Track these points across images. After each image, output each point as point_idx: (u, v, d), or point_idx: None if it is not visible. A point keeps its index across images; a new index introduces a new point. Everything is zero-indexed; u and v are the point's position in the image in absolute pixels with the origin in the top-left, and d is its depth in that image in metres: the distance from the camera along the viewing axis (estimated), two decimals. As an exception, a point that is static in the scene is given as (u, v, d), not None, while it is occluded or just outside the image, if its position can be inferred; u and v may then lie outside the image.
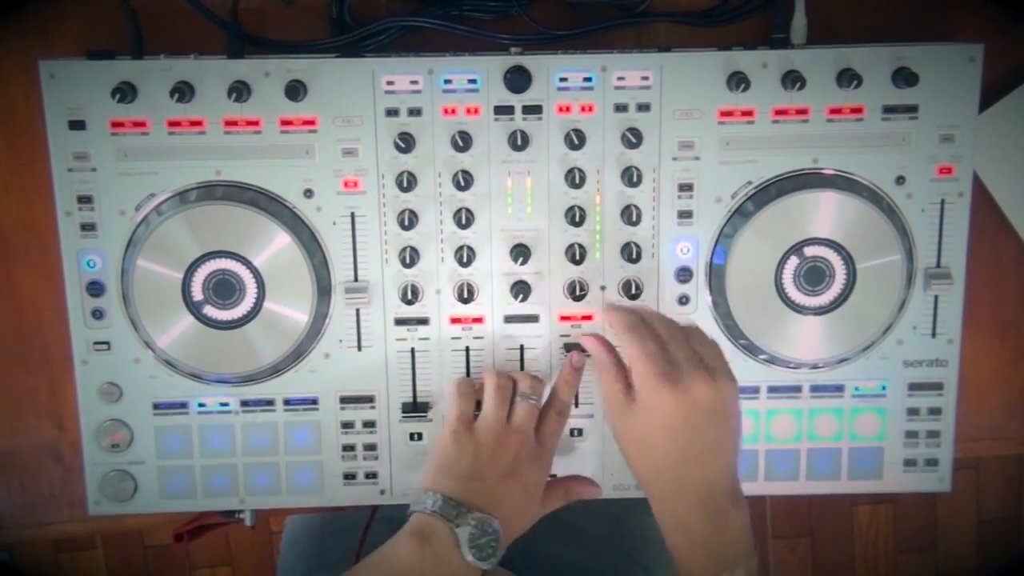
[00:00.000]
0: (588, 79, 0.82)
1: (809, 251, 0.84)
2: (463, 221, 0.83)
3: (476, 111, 0.82)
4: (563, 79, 0.82)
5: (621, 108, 0.82)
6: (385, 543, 0.76)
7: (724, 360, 0.79)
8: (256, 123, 0.81)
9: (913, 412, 0.89)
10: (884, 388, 0.88)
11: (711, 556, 0.75)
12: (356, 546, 0.94)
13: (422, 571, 0.74)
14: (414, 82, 0.81)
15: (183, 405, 0.86)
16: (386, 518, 0.92)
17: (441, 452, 0.80)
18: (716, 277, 0.85)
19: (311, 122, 0.82)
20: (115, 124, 0.81)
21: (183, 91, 0.79)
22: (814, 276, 0.84)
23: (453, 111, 0.82)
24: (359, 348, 0.86)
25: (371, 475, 0.88)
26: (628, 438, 0.78)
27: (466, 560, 0.74)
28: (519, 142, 0.82)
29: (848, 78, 0.81)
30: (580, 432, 0.88)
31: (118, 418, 0.86)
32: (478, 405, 0.83)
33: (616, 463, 0.87)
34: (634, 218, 0.84)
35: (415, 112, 0.82)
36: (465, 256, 0.84)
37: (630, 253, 0.84)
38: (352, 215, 0.83)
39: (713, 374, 0.76)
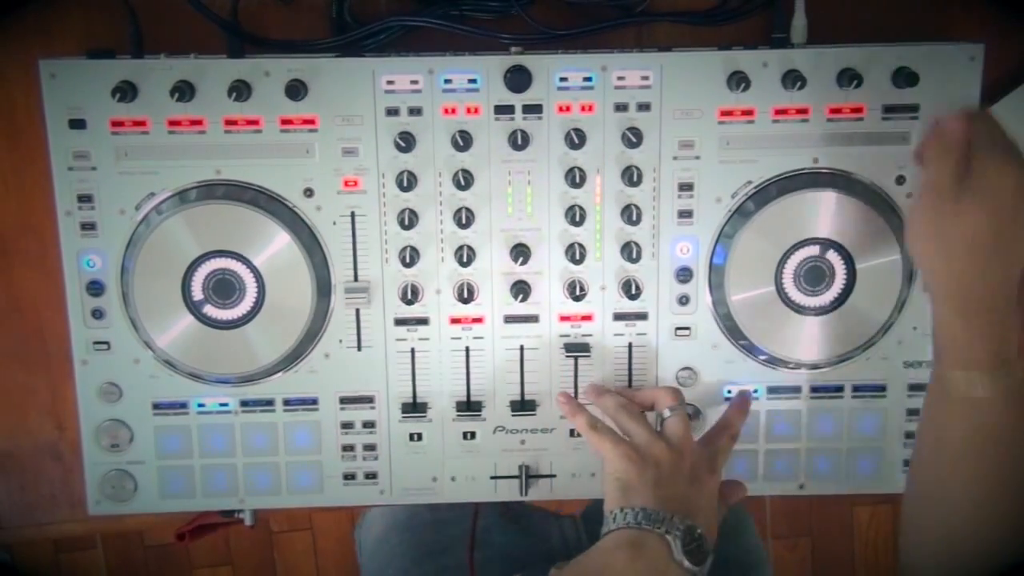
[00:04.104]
0: (588, 79, 0.82)
1: (829, 255, 0.84)
2: (463, 221, 0.83)
3: (476, 111, 0.82)
4: (563, 79, 0.82)
5: (621, 108, 0.82)
6: (590, 557, 0.74)
7: None
8: (256, 122, 0.81)
9: (913, 413, 0.89)
10: (884, 388, 0.88)
11: (974, 350, 0.72)
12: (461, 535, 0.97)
13: None
14: (414, 82, 0.81)
15: (183, 405, 0.86)
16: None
17: (620, 476, 0.77)
18: (716, 277, 0.85)
19: (311, 121, 0.82)
20: (115, 123, 0.81)
21: (183, 90, 0.79)
22: (814, 276, 0.84)
23: (453, 111, 0.82)
24: (359, 348, 0.86)
25: (371, 475, 0.88)
26: (948, 222, 0.71)
27: (683, 567, 0.72)
28: (519, 142, 0.82)
29: (848, 78, 0.81)
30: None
31: (118, 418, 0.86)
32: None
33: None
34: (634, 218, 0.84)
35: (415, 111, 0.82)
36: (465, 256, 0.84)
37: (630, 253, 0.84)
38: (352, 214, 0.83)
39: None
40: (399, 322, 0.86)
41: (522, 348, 0.87)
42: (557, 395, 0.86)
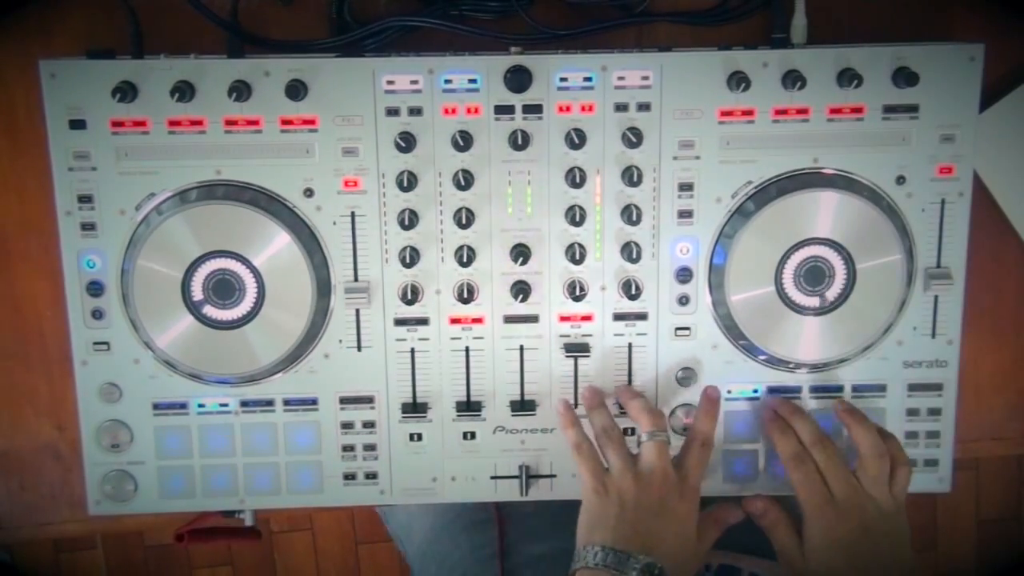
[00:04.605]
0: (588, 79, 0.82)
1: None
2: (463, 221, 0.83)
3: (476, 111, 0.82)
4: (563, 79, 0.82)
5: (621, 108, 0.82)
6: None
7: (884, 476, 0.82)
8: (256, 122, 0.81)
9: (913, 413, 0.89)
10: (884, 389, 0.88)
11: None
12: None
13: None
14: (414, 82, 0.81)
15: (183, 405, 0.86)
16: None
17: (588, 512, 0.80)
18: (716, 277, 0.85)
19: (311, 121, 0.82)
20: (115, 123, 0.81)
21: (183, 91, 0.79)
22: (814, 276, 0.84)
23: (453, 111, 0.82)
24: (359, 348, 0.86)
25: (371, 475, 0.88)
26: (810, 570, 0.82)
27: None
28: (519, 142, 0.82)
29: (848, 78, 0.81)
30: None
31: (118, 418, 0.86)
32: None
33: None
34: (634, 218, 0.84)
35: (415, 112, 0.82)
36: (465, 256, 0.84)
37: (630, 253, 0.84)
38: (352, 214, 0.83)
39: (872, 498, 0.81)
40: (399, 322, 0.86)
41: (522, 348, 0.87)
42: (558, 401, 0.86)
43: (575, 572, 0.76)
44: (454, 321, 0.86)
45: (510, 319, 0.86)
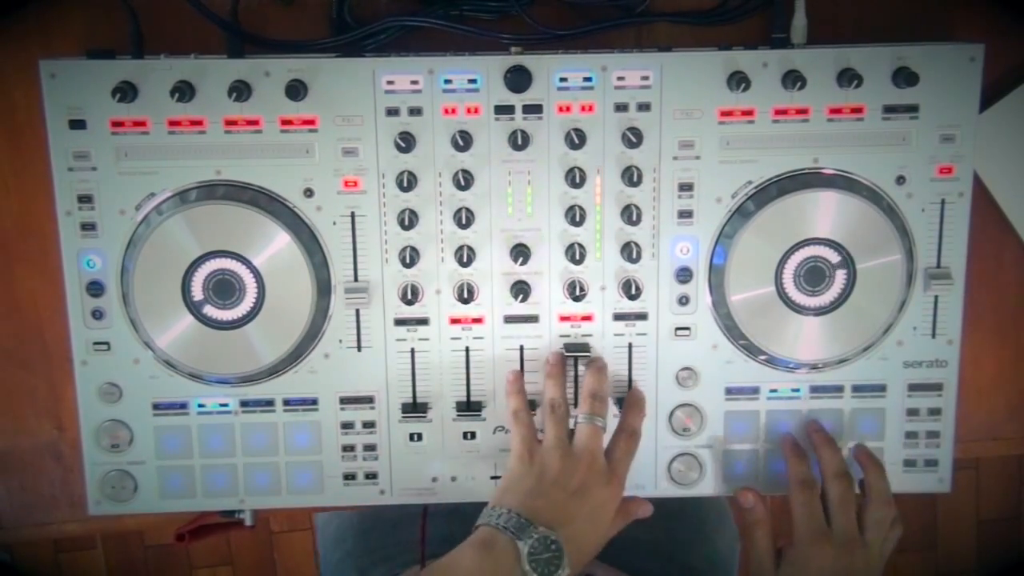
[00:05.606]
0: (588, 79, 0.82)
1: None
2: (463, 221, 0.83)
3: (476, 111, 0.82)
4: (563, 79, 0.82)
5: (621, 108, 0.82)
6: (449, 552, 0.76)
7: (884, 526, 0.86)
8: (256, 123, 0.81)
9: (913, 413, 0.89)
10: (884, 389, 0.88)
11: None
12: (413, 540, 0.97)
13: None
14: (414, 82, 0.81)
15: (183, 405, 0.86)
16: (438, 513, 0.96)
17: (508, 474, 0.81)
18: (716, 277, 0.85)
19: (311, 122, 0.82)
20: (115, 124, 0.81)
21: (183, 91, 0.79)
22: (814, 276, 0.84)
23: (453, 111, 0.82)
24: (359, 348, 0.86)
25: (371, 475, 0.88)
26: None
27: (524, 573, 0.74)
28: (519, 142, 0.82)
29: (848, 78, 0.81)
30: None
31: (118, 418, 0.86)
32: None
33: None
34: (634, 218, 0.84)
35: (415, 112, 0.82)
36: (465, 256, 0.84)
37: (630, 253, 0.84)
38: (352, 215, 0.83)
39: (865, 544, 0.84)
40: (399, 322, 0.86)
41: (522, 348, 0.87)
42: (508, 371, 0.86)
43: (477, 527, 0.77)
44: (454, 321, 0.86)
45: (510, 319, 0.86)
